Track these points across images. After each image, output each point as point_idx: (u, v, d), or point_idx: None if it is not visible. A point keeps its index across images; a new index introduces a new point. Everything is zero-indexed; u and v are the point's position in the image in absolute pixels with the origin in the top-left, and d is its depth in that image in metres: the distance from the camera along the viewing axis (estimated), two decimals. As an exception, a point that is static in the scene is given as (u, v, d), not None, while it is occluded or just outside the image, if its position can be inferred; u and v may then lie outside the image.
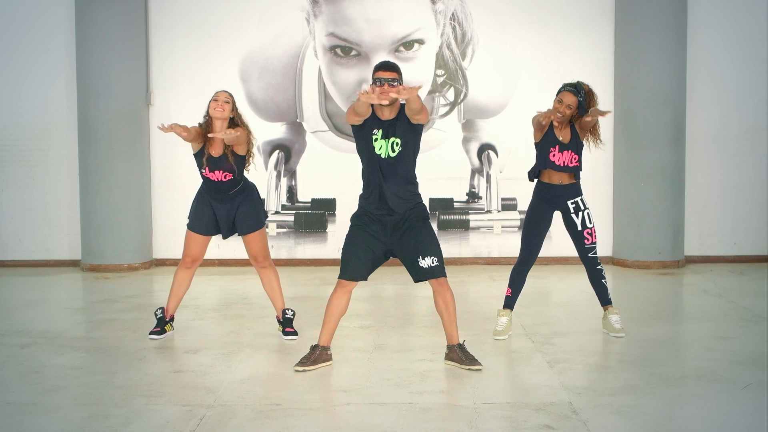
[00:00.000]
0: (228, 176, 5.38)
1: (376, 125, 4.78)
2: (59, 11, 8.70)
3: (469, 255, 8.83)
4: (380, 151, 4.78)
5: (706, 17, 8.62)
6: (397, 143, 4.76)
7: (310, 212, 8.85)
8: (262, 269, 5.58)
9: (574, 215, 5.44)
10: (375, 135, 4.77)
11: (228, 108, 5.34)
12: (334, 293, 4.87)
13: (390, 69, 4.70)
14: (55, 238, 8.92)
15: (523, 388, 4.50)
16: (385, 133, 4.77)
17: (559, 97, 5.37)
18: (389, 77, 4.65)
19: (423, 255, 4.76)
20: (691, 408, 4.22)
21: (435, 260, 4.77)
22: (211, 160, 5.38)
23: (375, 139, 4.78)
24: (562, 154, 5.38)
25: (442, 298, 4.82)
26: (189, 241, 5.55)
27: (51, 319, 6.31)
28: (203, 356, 5.14)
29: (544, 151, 5.41)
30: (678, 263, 8.45)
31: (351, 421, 3.98)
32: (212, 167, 5.38)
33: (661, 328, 5.82)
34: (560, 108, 5.33)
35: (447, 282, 4.83)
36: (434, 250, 4.80)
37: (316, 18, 8.68)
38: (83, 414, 4.10)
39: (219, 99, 5.36)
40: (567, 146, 5.39)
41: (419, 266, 4.77)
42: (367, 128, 4.79)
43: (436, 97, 8.75)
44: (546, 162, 5.40)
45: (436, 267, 4.77)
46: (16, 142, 8.83)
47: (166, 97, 8.80)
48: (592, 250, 5.48)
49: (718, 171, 8.77)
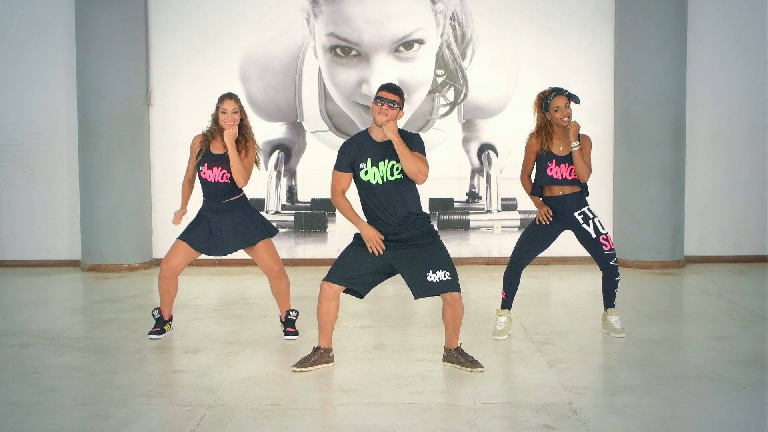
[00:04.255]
0: (226, 176, 5.35)
1: (364, 155, 4.70)
2: (59, 11, 8.70)
3: (469, 255, 8.83)
4: (375, 179, 4.69)
5: (706, 17, 8.62)
6: (397, 168, 4.67)
7: (310, 212, 8.85)
8: (278, 279, 5.51)
9: (585, 225, 5.38)
10: (363, 168, 4.70)
11: (237, 118, 5.30)
12: (319, 301, 4.79)
13: (392, 91, 4.66)
14: (55, 238, 8.92)
15: (523, 388, 4.49)
16: (379, 156, 4.68)
17: (555, 105, 5.31)
18: (390, 98, 4.63)
19: (433, 269, 4.65)
20: (691, 408, 4.22)
21: (447, 274, 4.66)
22: (210, 156, 5.36)
23: (365, 172, 4.70)
24: (559, 167, 5.35)
25: (454, 312, 4.73)
26: (173, 249, 5.44)
27: (51, 319, 6.31)
28: (203, 356, 5.14)
29: (542, 167, 5.39)
30: (678, 263, 8.45)
31: (351, 421, 3.98)
32: (211, 164, 5.35)
33: (661, 328, 5.82)
34: (564, 113, 5.30)
35: (461, 298, 4.76)
36: (446, 265, 4.69)
37: (316, 18, 8.68)
38: (83, 414, 4.10)
39: (227, 111, 5.28)
40: (564, 159, 5.36)
41: (427, 281, 4.65)
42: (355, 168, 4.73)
43: (436, 97, 8.75)
44: (544, 177, 5.39)
45: (449, 281, 4.66)
46: (16, 142, 8.83)
47: (166, 97, 8.80)
48: (613, 258, 5.38)
49: (718, 171, 8.77)
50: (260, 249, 5.43)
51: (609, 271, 5.43)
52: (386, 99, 4.64)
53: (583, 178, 5.34)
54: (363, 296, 4.87)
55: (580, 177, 5.33)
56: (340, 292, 4.78)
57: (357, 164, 4.73)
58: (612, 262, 5.40)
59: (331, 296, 4.77)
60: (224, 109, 5.30)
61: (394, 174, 4.69)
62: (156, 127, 8.80)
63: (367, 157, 4.70)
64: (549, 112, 5.33)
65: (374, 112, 4.65)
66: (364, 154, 4.71)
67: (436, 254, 4.72)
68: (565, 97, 5.30)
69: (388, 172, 4.69)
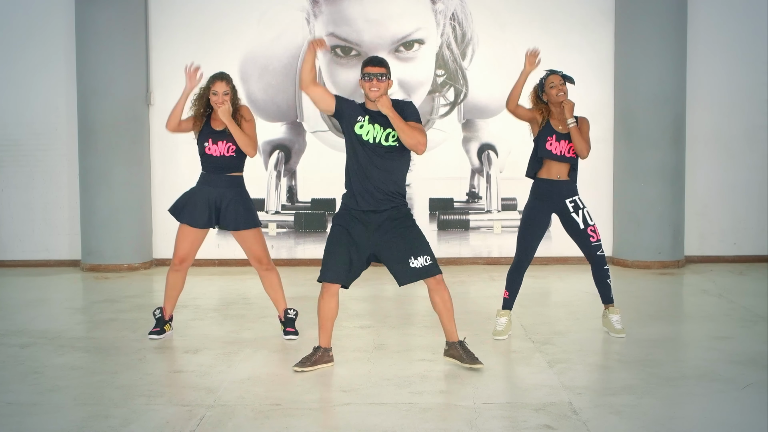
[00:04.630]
0: (232, 149, 5.35)
1: (361, 113, 4.74)
2: (59, 12, 8.69)
3: (469, 255, 8.82)
4: (368, 136, 4.70)
5: (706, 17, 8.62)
6: (393, 136, 4.70)
7: (310, 212, 8.85)
8: (266, 271, 5.53)
9: (575, 214, 5.40)
10: (360, 122, 4.71)
11: (228, 99, 5.32)
12: (321, 297, 4.80)
13: (378, 64, 4.70)
14: (55, 238, 8.92)
15: (523, 388, 4.49)
16: (374, 119, 4.71)
17: (550, 82, 5.36)
18: (377, 72, 4.67)
19: (415, 255, 4.68)
20: (691, 408, 4.22)
21: (428, 259, 4.70)
22: (212, 132, 5.37)
23: (360, 126, 4.71)
24: (559, 143, 5.36)
25: (440, 296, 4.77)
26: (180, 237, 5.45)
27: (51, 319, 6.31)
28: (203, 356, 5.14)
29: (542, 140, 5.39)
30: (678, 263, 8.45)
31: (351, 421, 3.98)
32: (215, 139, 5.35)
33: (661, 328, 5.82)
34: (559, 89, 5.33)
35: (443, 280, 4.80)
36: (426, 249, 4.73)
37: (316, 18, 8.68)
38: (83, 414, 4.10)
39: (218, 93, 5.29)
40: (564, 136, 5.37)
41: (410, 267, 4.68)
42: (346, 117, 4.74)
43: (436, 97, 8.75)
44: (543, 150, 5.38)
45: (431, 266, 4.70)
46: (16, 142, 8.83)
47: (166, 97, 8.76)
48: (599, 248, 5.42)
49: (718, 171, 8.77)
50: (250, 236, 5.44)
51: (596, 261, 5.45)
52: (374, 74, 4.67)
53: (583, 154, 5.34)
54: (348, 287, 4.84)
55: (580, 153, 5.34)
56: (338, 287, 4.79)
57: (353, 117, 4.73)
58: (599, 252, 5.43)
59: (333, 293, 4.78)
60: (215, 90, 5.32)
61: (389, 140, 4.71)
62: (156, 127, 8.79)
63: (365, 115, 4.74)
64: (545, 92, 5.38)
65: (365, 88, 4.69)
66: (363, 113, 4.75)
67: (416, 240, 4.74)
68: (560, 76, 5.35)
69: (383, 136, 4.70)
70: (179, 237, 5.47)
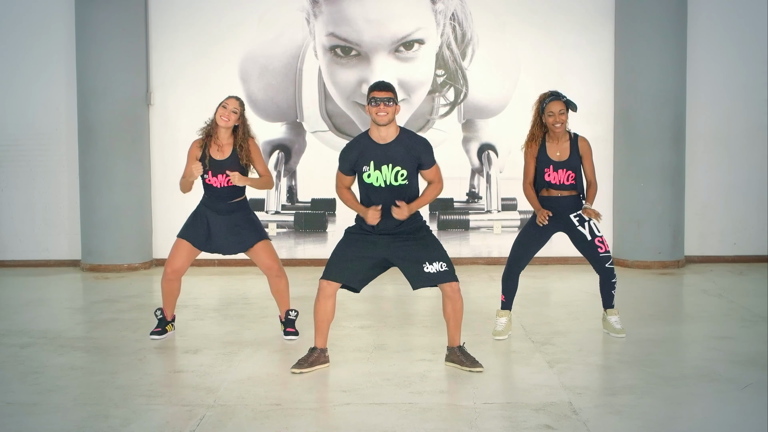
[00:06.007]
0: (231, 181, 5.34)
1: (366, 158, 4.69)
2: (59, 11, 8.70)
3: (469, 255, 8.83)
4: (378, 182, 4.70)
5: (706, 17, 8.63)
6: (402, 174, 4.69)
7: (310, 212, 8.85)
8: (276, 278, 5.52)
9: (581, 227, 5.37)
10: (366, 171, 4.70)
11: (234, 118, 5.28)
12: (317, 299, 4.79)
13: (385, 89, 4.66)
14: (55, 238, 8.92)
15: (523, 388, 4.49)
16: (381, 159, 4.68)
17: (549, 111, 5.28)
18: (384, 97, 4.62)
19: (430, 261, 4.68)
20: (691, 408, 4.22)
21: (444, 265, 4.69)
22: (213, 163, 5.34)
23: (368, 175, 4.70)
24: (557, 173, 5.34)
25: (453, 305, 4.75)
26: (175, 250, 5.43)
27: (51, 319, 6.31)
28: (203, 356, 5.14)
29: (540, 173, 5.38)
30: (678, 263, 8.45)
31: (351, 421, 3.98)
32: (215, 171, 5.34)
33: (661, 328, 5.82)
34: (557, 119, 5.28)
35: (460, 289, 4.78)
36: (442, 256, 4.73)
37: (316, 18, 8.68)
38: (83, 414, 4.09)
39: (228, 107, 5.28)
40: (561, 165, 5.34)
41: (425, 272, 4.68)
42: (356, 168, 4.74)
43: (436, 97, 8.75)
44: (542, 181, 5.38)
45: (446, 272, 4.69)
46: (16, 142, 8.84)
47: (166, 97, 8.80)
48: (608, 260, 5.37)
49: (718, 171, 8.77)
50: (258, 250, 5.43)
51: (605, 273, 5.42)
52: (381, 98, 4.63)
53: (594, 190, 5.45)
54: (359, 291, 4.87)
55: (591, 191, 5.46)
56: (337, 289, 4.79)
57: (359, 167, 4.73)
58: (607, 264, 5.39)
59: (329, 294, 4.76)
60: (226, 104, 5.31)
61: (398, 180, 4.71)
62: (156, 127, 8.80)
63: (369, 161, 4.70)
64: (544, 115, 5.34)
65: (372, 113, 4.65)
66: (366, 158, 4.71)
67: (431, 247, 4.75)
68: (562, 103, 5.28)
69: (392, 177, 4.70)
70: (176, 249, 5.44)
